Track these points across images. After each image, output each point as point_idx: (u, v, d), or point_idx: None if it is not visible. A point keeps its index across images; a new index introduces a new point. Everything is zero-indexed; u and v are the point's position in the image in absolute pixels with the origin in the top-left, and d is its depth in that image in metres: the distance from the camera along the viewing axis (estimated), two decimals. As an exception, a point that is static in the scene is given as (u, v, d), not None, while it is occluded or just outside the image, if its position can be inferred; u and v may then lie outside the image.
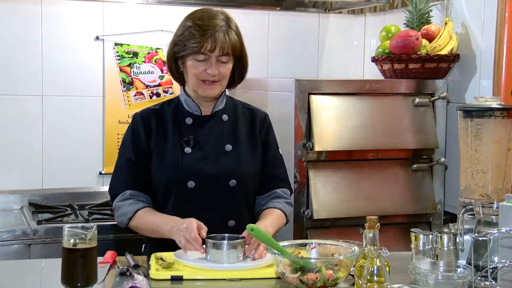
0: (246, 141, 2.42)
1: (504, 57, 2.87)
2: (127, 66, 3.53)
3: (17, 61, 3.37)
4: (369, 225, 1.99)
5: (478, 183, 2.35)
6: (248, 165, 2.40)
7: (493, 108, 2.33)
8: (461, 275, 1.85)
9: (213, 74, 2.30)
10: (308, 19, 3.85)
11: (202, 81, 2.33)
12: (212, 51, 2.28)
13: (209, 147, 2.38)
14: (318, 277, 1.86)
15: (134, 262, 2.08)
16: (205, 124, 2.40)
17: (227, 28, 2.31)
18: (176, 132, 2.37)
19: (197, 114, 2.41)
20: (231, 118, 2.44)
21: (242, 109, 2.49)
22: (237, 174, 2.36)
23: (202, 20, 2.31)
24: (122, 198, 2.37)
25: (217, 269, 2.03)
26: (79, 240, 1.84)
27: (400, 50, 3.11)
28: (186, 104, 2.41)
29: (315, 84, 2.99)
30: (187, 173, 2.33)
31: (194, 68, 2.32)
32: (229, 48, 2.29)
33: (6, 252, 2.79)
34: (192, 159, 2.34)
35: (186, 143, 2.36)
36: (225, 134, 2.41)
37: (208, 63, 2.30)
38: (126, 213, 2.34)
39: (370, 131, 3.02)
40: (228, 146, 2.39)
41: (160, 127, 2.39)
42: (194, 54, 2.30)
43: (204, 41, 2.27)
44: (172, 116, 2.40)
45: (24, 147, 3.39)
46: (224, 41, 2.28)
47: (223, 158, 2.37)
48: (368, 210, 2.85)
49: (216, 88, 2.35)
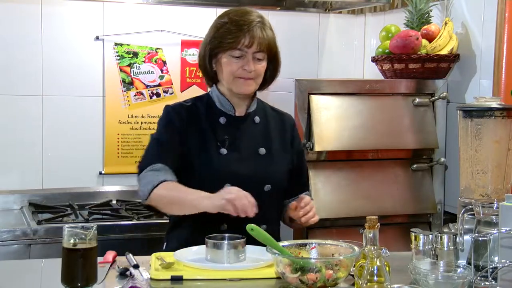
0: (278, 145, 2.38)
1: (504, 57, 2.87)
2: (127, 66, 3.53)
3: (17, 61, 3.37)
4: (369, 225, 1.99)
5: (478, 183, 2.35)
6: (280, 170, 2.36)
7: (493, 108, 2.33)
8: (461, 275, 1.85)
9: (249, 70, 2.25)
10: (308, 19, 3.85)
11: (238, 78, 2.28)
12: (249, 47, 2.24)
13: (243, 149, 2.32)
14: (318, 277, 1.85)
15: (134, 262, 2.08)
16: (239, 125, 2.35)
17: (262, 25, 2.27)
18: (211, 131, 2.31)
19: (231, 114, 2.35)
20: (262, 120, 2.39)
21: (271, 111, 2.44)
22: (272, 179, 2.32)
23: (238, 16, 2.27)
24: (151, 169, 2.25)
25: (217, 269, 2.03)
26: (79, 240, 1.83)
27: (400, 50, 3.11)
28: (220, 103, 2.35)
29: (315, 84, 2.99)
30: (223, 175, 2.26)
31: (229, 65, 2.27)
32: (265, 45, 2.26)
33: (6, 252, 2.80)
34: (228, 160, 2.29)
35: (222, 144, 2.31)
36: (258, 136, 2.36)
37: (245, 59, 2.25)
38: (152, 181, 2.22)
39: (370, 131, 3.02)
40: (261, 149, 2.34)
41: (194, 124, 2.32)
42: (230, 50, 2.26)
43: (242, 37, 2.23)
44: (205, 113, 2.34)
45: (24, 147, 3.39)
46: (261, 37, 2.25)
47: (257, 161, 2.32)
48: (368, 210, 2.85)
49: (251, 85, 2.30)
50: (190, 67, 3.64)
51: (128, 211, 3.20)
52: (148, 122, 3.57)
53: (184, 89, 3.63)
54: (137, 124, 3.56)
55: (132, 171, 3.50)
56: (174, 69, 3.61)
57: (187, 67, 3.63)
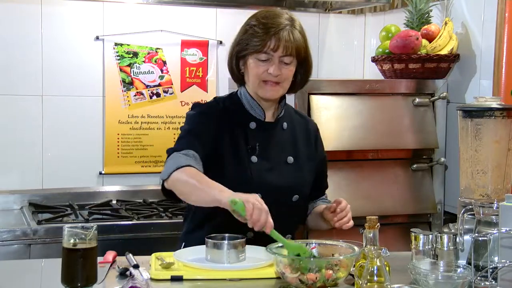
0: (304, 154, 2.33)
1: (504, 57, 2.87)
2: (127, 66, 3.53)
3: (17, 61, 3.37)
4: (369, 225, 1.99)
5: (478, 183, 2.35)
6: (307, 179, 2.32)
7: (493, 108, 2.33)
8: (461, 275, 1.85)
9: (275, 74, 2.19)
10: (308, 19, 3.84)
11: (264, 81, 2.22)
12: (275, 50, 2.18)
13: (272, 158, 2.26)
14: (318, 277, 1.86)
15: (134, 262, 2.08)
16: (269, 132, 2.29)
17: (291, 28, 2.20)
18: (242, 136, 2.25)
19: (261, 119, 2.28)
20: (289, 126, 2.33)
21: (295, 116, 2.39)
22: (299, 189, 2.28)
23: (266, 18, 2.21)
24: (183, 153, 2.16)
25: (217, 269, 2.03)
26: (79, 240, 1.83)
27: (400, 50, 3.11)
28: (250, 106, 2.28)
29: (315, 84, 2.99)
30: (255, 184, 2.19)
31: (255, 68, 2.21)
32: (293, 49, 2.19)
33: (6, 252, 2.79)
34: (259, 169, 2.22)
35: (252, 151, 2.24)
36: (286, 144, 2.30)
37: (271, 62, 2.19)
38: (179, 163, 2.12)
39: (370, 131, 3.02)
40: (290, 158, 2.29)
41: (226, 125, 2.25)
42: (256, 53, 2.20)
43: (268, 40, 2.17)
44: (235, 117, 2.27)
45: (24, 147, 3.39)
46: (288, 40, 2.17)
47: (286, 170, 2.27)
48: (368, 210, 2.85)
49: (277, 90, 2.23)
50: (190, 67, 3.64)
51: (128, 211, 3.20)
52: (148, 122, 3.57)
53: (184, 89, 3.63)
54: (137, 124, 3.56)
55: (132, 171, 3.54)
56: (174, 69, 3.61)
57: (187, 67, 3.63)
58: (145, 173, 3.56)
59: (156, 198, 3.45)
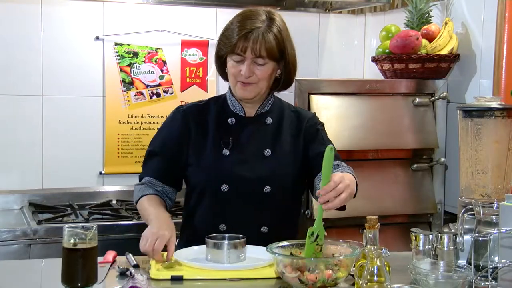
0: (288, 147, 2.34)
1: (504, 57, 2.87)
2: (127, 66, 3.53)
3: (17, 61, 3.37)
4: (369, 225, 1.99)
5: (478, 183, 2.35)
6: (286, 172, 2.32)
7: (493, 108, 2.33)
8: (461, 275, 1.85)
9: (245, 75, 2.23)
10: (308, 19, 3.84)
11: (239, 81, 2.27)
12: (244, 52, 2.21)
13: (248, 151, 2.30)
14: (317, 277, 1.85)
15: (134, 262, 2.08)
16: (247, 126, 2.33)
17: (266, 29, 2.22)
18: (217, 132, 2.32)
19: (240, 114, 2.34)
20: (275, 121, 2.35)
21: (289, 112, 2.40)
22: (273, 180, 2.29)
23: (243, 20, 2.25)
24: (139, 183, 2.37)
25: (217, 269, 2.03)
26: (79, 240, 1.83)
27: (400, 50, 3.11)
28: (231, 103, 2.35)
29: (315, 84, 2.99)
30: (222, 176, 2.27)
31: (231, 68, 2.27)
32: (262, 50, 2.20)
33: (6, 252, 2.79)
34: (229, 162, 2.28)
35: (225, 145, 2.30)
36: (267, 138, 2.33)
37: (243, 63, 2.23)
38: (136, 196, 2.35)
39: (370, 131, 3.02)
40: (267, 150, 2.31)
41: (201, 125, 2.33)
42: (230, 54, 2.25)
43: (237, 41, 2.21)
44: (216, 114, 2.35)
45: (24, 147, 3.39)
46: (256, 43, 2.20)
47: (260, 163, 2.30)
48: (368, 210, 2.85)
49: (250, 90, 2.27)
50: (190, 67, 3.64)
51: (128, 211, 3.20)
52: (148, 122, 3.57)
53: (184, 89, 3.63)
54: (137, 124, 3.56)
55: (132, 171, 3.53)
56: (174, 69, 3.61)
57: (187, 67, 3.63)
58: (145, 173, 3.56)
59: (156, 198, 3.46)
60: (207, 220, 2.30)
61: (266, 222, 2.30)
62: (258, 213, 2.29)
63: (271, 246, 1.97)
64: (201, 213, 2.32)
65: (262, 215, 2.30)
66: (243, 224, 2.22)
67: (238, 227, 2.16)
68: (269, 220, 2.30)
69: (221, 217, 2.25)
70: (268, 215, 2.30)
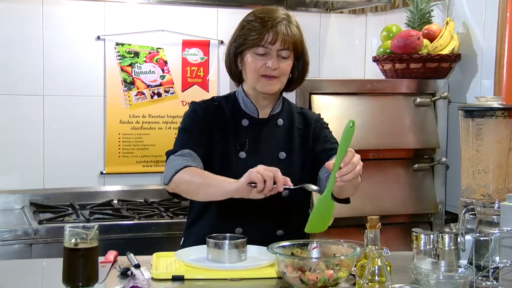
0: (299, 149, 2.32)
1: (505, 57, 2.87)
2: (128, 66, 3.53)
3: (18, 61, 3.37)
4: (370, 225, 1.99)
5: (480, 183, 2.35)
6: (302, 174, 2.29)
7: (494, 108, 2.33)
8: (462, 275, 1.85)
9: (273, 67, 2.21)
10: (309, 19, 3.84)
11: (262, 76, 2.23)
12: (273, 44, 2.20)
13: (263, 153, 2.27)
14: (318, 277, 1.85)
15: (135, 262, 2.08)
16: (261, 128, 2.30)
17: (288, 22, 2.23)
18: (232, 133, 2.28)
19: (254, 116, 2.31)
20: (286, 123, 2.33)
21: (296, 113, 2.38)
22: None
23: (263, 13, 2.24)
24: (179, 154, 2.21)
25: (218, 269, 2.03)
26: (80, 240, 1.83)
27: (401, 50, 3.11)
28: (244, 104, 2.31)
29: (316, 84, 2.99)
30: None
31: (253, 63, 2.23)
32: (290, 43, 2.21)
33: (7, 252, 2.80)
34: (246, 165, 2.19)
35: (241, 147, 2.27)
36: (280, 140, 2.31)
37: (268, 56, 2.21)
38: (176, 166, 2.17)
39: (371, 131, 3.02)
40: (282, 153, 2.29)
41: (218, 123, 2.29)
42: (254, 48, 2.21)
43: (265, 33, 2.19)
44: (230, 114, 2.31)
45: (25, 147, 3.39)
46: (286, 34, 2.20)
47: (276, 166, 2.20)
48: (369, 210, 2.85)
49: (275, 84, 2.25)
50: (191, 67, 3.64)
51: (129, 211, 3.20)
52: (149, 122, 3.57)
53: (185, 89, 3.63)
54: (138, 124, 3.56)
55: (133, 171, 3.54)
56: (175, 69, 3.61)
57: (188, 67, 3.63)
58: (146, 173, 3.57)
59: (157, 198, 3.46)
60: (222, 222, 2.23)
61: (282, 225, 2.28)
62: (275, 217, 2.26)
63: (272, 246, 1.97)
64: (216, 215, 2.26)
65: (279, 218, 2.27)
66: (259, 228, 2.20)
67: (255, 230, 2.13)
68: (285, 224, 2.29)
69: (237, 220, 2.22)
70: (284, 218, 2.29)
